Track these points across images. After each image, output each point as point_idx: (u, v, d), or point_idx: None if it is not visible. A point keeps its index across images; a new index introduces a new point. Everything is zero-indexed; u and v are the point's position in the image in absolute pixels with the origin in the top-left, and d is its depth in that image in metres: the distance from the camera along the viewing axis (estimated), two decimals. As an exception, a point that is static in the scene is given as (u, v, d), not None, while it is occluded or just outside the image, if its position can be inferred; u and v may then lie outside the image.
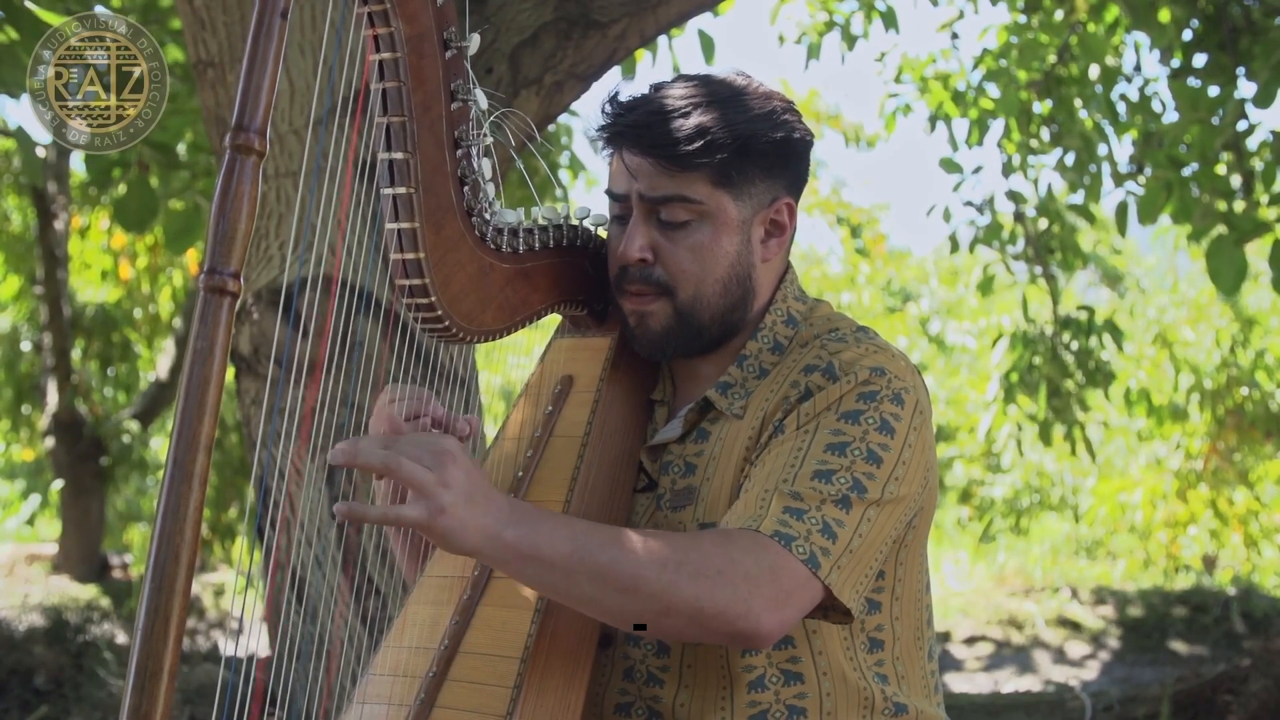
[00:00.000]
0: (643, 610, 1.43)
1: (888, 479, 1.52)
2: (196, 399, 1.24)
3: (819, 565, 1.45)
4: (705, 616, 1.42)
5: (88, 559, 8.53)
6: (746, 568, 1.43)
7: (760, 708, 1.57)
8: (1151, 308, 11.54)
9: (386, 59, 1.44)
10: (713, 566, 1.42)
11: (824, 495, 1.48)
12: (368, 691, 1.57)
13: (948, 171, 6.48)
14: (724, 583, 1.41)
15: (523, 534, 1.41)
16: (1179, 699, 4.78)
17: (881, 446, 1.52)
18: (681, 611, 1.42)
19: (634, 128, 1.61)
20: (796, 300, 1.71)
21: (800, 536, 1.45)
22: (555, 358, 1.78)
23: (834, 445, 1.52)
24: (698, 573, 1.41)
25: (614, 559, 1.42)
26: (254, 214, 1.27)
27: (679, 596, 1.41)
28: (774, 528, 1.46)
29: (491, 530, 1.40)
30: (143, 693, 1.20)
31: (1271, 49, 4.96)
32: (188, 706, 5.15)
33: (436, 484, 1.37)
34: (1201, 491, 10.20)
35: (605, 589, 1.42)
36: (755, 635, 1.43)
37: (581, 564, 1.41)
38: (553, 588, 1.45)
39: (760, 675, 1.57)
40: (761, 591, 1.42)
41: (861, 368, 1.56)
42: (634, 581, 1.41)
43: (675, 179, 1.59)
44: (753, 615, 1.42)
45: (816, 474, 1.49)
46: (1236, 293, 5.17)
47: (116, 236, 8.97)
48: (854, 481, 1.50)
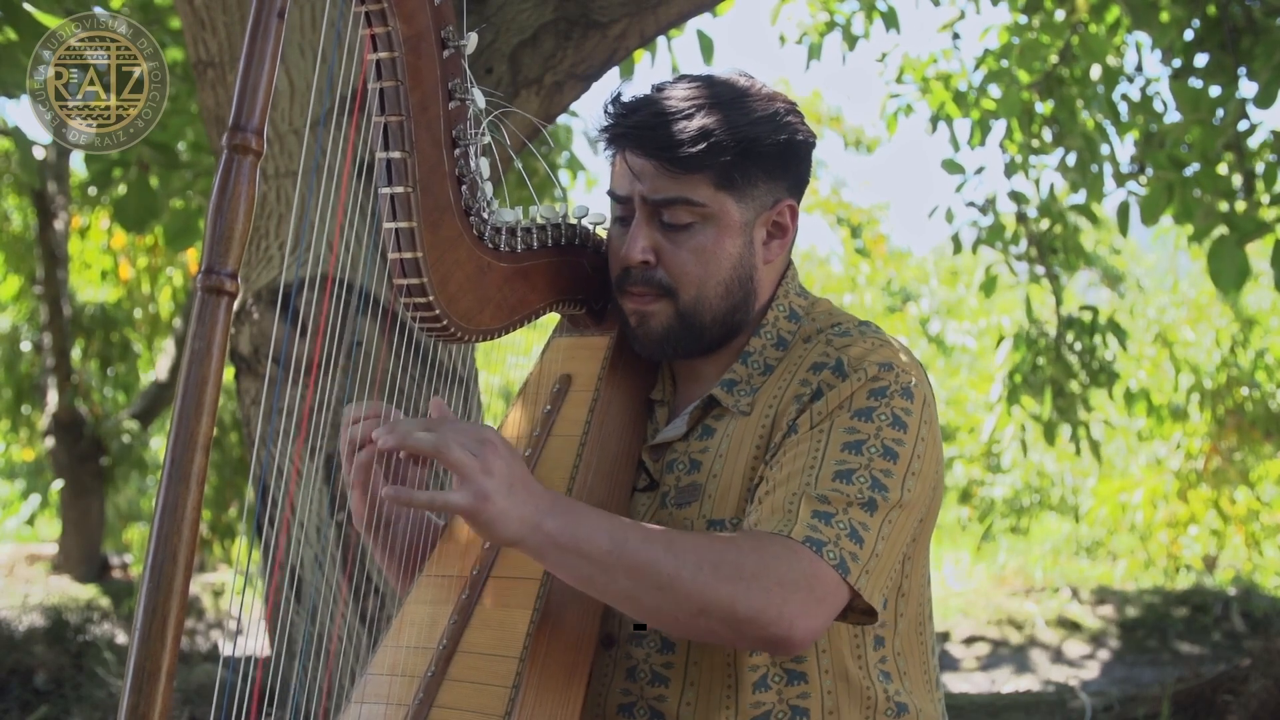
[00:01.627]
0: (678, 610, 1.43)
1: (905, 474, 1.53)
2: (194, 399, 1.24)
3: (849, 571, 1.47)
4: (739, 620, 1.42)
5: (88, 559, 8.53)
6: (781, 573, 1.44)
7: (764, 708, 1.57)
8: (1151, 308, 11.54)
9: (384, 58, 1.44)
10: (749, 570, 1.43)
11: (849, 498, 1.49)
12: (366, 691, 1.57)
13: (950, 172, 6.47)
14: (759, 587, 1.42)
15: (563, 525, 1.42)
16: (1179, 699, 4.77)
17: (896, 442, 1.54)
18: (715, 613, 1.42)
19: (637, 129, 1.60)
20: (798, 295, 1.72)
21: (830, 541, 1.47)
22: (554, 357, 1.77)
23: (850, 444, 1.53)
24: (735, 576, 1.42)
25: (653, 557, 1.42)
26: (251, 214, 1.27)
27: (714, 597, 1.42)
28: (805, 533, 1.47)
29: (532, 520, 1.41)
30: (141, 693, 1.20)
31: (1272, 49, 4.95)
32: (187, 707, 5.15)
33: (481, 470, 1.38)
34: (1202, 491, 10.20)
35: (642, 586, 1.43)
36: (788, 641, 1.44)
37: (620, 559, 1.42)
38: (590, 581, 1.46)
39: (763, 675, 1.58)
40: (797, 597, 1.43)
41: (870, 364, 1.57)
42: (671, 580, 1.42)
43: (678, 181, 1.59)
44: (785, 620, 1.43)
45: (837, 474, 1.51)
46: (1238, 293, 5.17)
47: (116, 236, 8.98)
48: (873, 480, 1.51)
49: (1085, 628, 7.94)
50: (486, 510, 1.38)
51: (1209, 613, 7.91)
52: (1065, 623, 8.00)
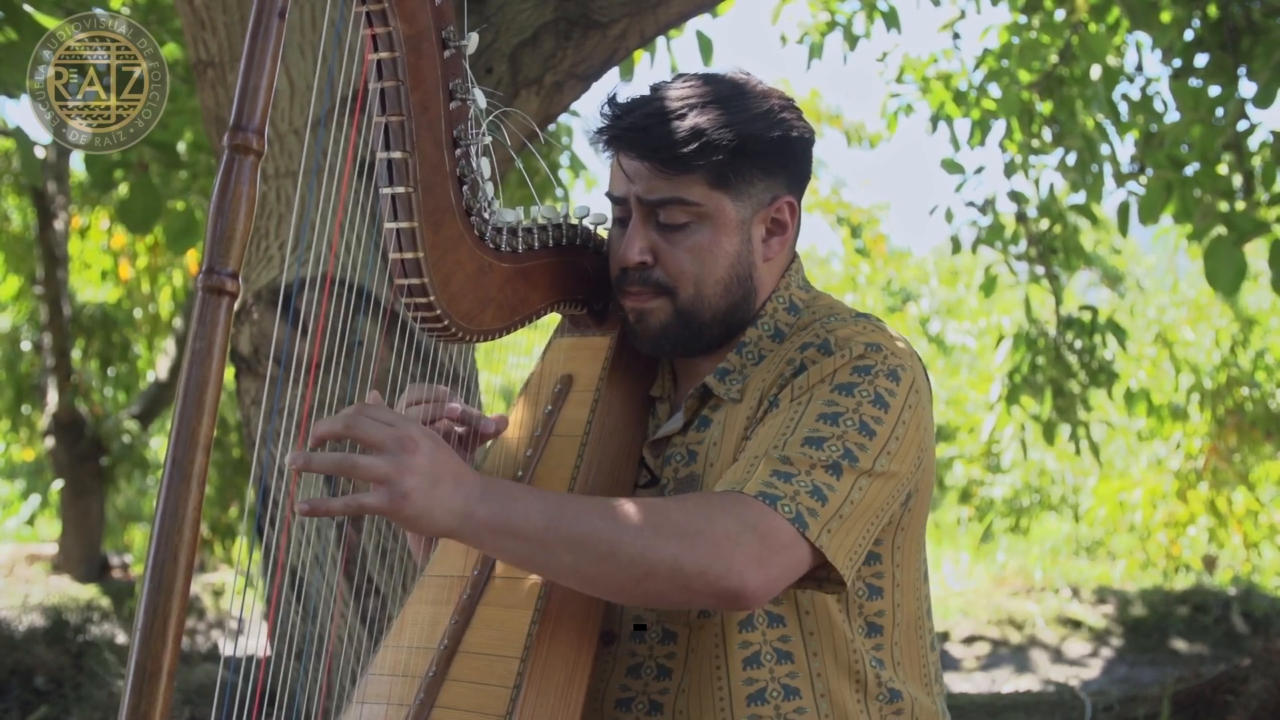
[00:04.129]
0: (623, 576, 1.42)
1: (880, 452, 1.51)
2: (195, 399, 1.24)
3: (806, 525, 1.44)
4: (686, 576, 1.40)
5: (88, 559, 8.53)
6: (726, 526, 1.42)
7: (757, 685, 1.57)
8: (1151, 308, 11.54)
9: (385, 58, 1.44)
10: (692, 526, 1.41)
11: (814, 460, 1.47)
12: (367, 691, 1.57)
13: (949, 172, 6.48)
14: (703, 542, 1.40)
15: (495, 510, 1.40)
16: (1179, 699, 4.77)
17: (875, 419, 1.52)
18: (661, 574, 1.40)
19: (630, 131, 1.60)
20: (800, 289, 1.71)
21: (786, 497, 1.45)
22: (555, 357, 1.78)
23: (826, 415, 1.51)
24: (676, 533, 1.41)
25: (591, 527, 1.41)
26: (252, 214, 1.27)
27: (657, 558, 1.40)
28: (758, 489, 1.45)
29: (462, 509, 1.39)
30: (141, 693, 1.20)
31: (1272, 49, 4.95)
32: (188, 707, 5.14)
33: (396, 472, 1.36)
34: (1201, 491, 10.20)
35: (583, 557, 1.41)
36: (740, 594, 1.42)
37: (557, 534, 1.41)
38: (532, 561, 1.45)
39: (756, 652, 1.57)
40: (742, 550, 1.41)
41: (857, 343, 1.57)
42: (611, 546, 1.40)
43: (672, 181, 1.59)
44: (734, 573, 1.40)
45: (807, 440, 1.49)
46: (1235, 293, 5.17)
47: (116, 236, 8.98)
48: (845, 450, 1.49)
49: (1085, 627, 7.94)
50: (405, 509, 1.36)
51: (1209, 613, 7.91)
52: (1065, 622, 8.00)
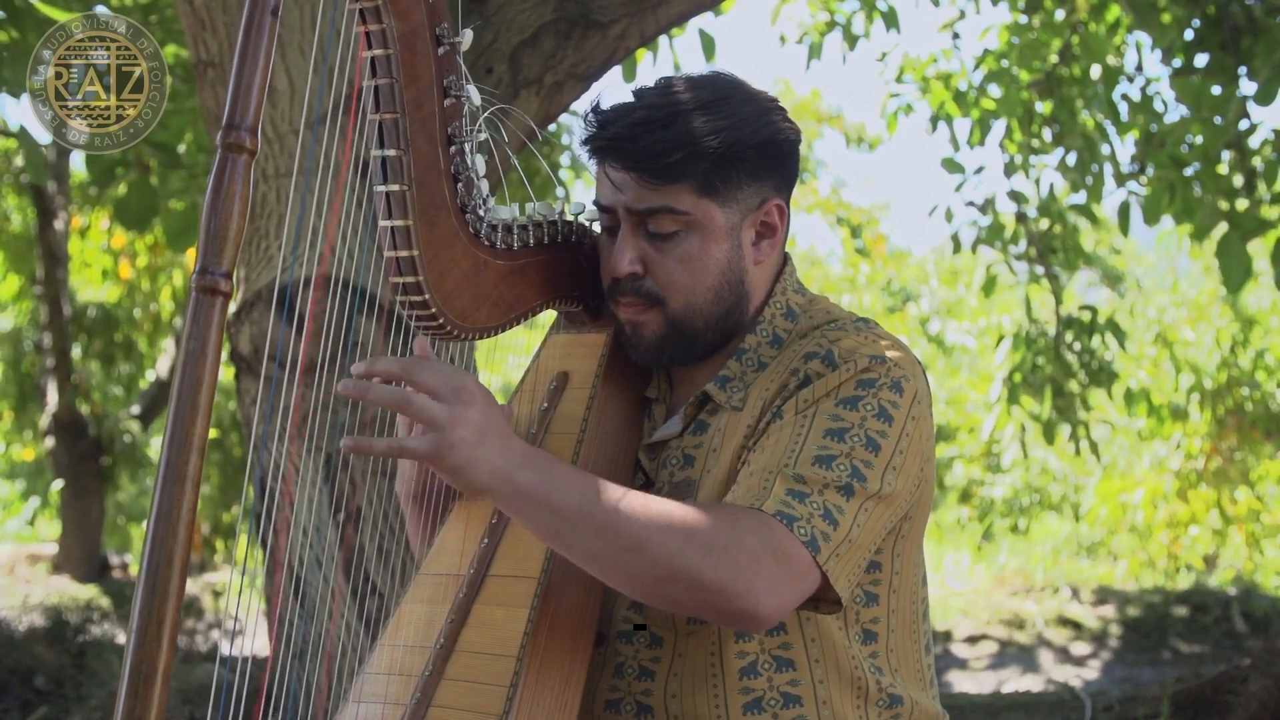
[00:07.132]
0: (645, 573, 1.42)
1: (885, 468, 1.52)
2: (189, 400, 1.23)
3: (819, 549, 1.45)
4: (705, 589, 1.41)
5: (88, 559, 8.53)
6: (751, 547, 1.42)
7: (754, 694, 1.57)
8: (1151, 308, 11.54)
9: (378, 55, 1.43)
10: (719, 541, 1.42)
11: (826, 480, 1.48)
12: (364, 690, 1.57)
13: (949, 172, 6.47)
14: (728, 559, 1.41)
15: (535, 479, 1.41)
16: (1179, 699, 4.77)
17: (879, 434, 1.52)
18: (681, 580, 1.41)
19: (615, 142, 1.59)
20: (795, 293, 1.71)
21: (802, 519, 1.45)
22: (551, 354, 1.77)
23: (833, 430, 1.52)
24: (705, 545, 1.41)
25: (624, 518, 1.41)
26: (246, 213, 1.26)
27: (682, 564, 1.41)
28: (777, 508, 1.46)
29: (503, 470, 1.40)
30: (137, 696, 1.20)
31: (1273, 48, 4.95)
32: (187, 707, 5.15)
33: (449, 419, 1.37)
34: (1202, 491, 10.19)
35: (610, 545, 1.42)
36: (753, 616, 1.43)
37: (590, 517, 1.41)
38: (558, 536, 1.45)
39: (752, 662, 1.57)
40: (763, 573, 1.42)
41: (861, 356, 1.56)
42: (640, 542, 1.41)
43: (659, 191, 1.58)
44: (753, 595, 1.41)
45: (817, 459, 1.49)
46: (1241, 290, 5.16)
47: (116, 236, 8.98)
48: (853, 469, 1.50)
49: (1085, 627, 7.93)
50: (450, 458, 1.37)
51: (1209, 613, 7.91)
52: (1065, 622, 8.00)
